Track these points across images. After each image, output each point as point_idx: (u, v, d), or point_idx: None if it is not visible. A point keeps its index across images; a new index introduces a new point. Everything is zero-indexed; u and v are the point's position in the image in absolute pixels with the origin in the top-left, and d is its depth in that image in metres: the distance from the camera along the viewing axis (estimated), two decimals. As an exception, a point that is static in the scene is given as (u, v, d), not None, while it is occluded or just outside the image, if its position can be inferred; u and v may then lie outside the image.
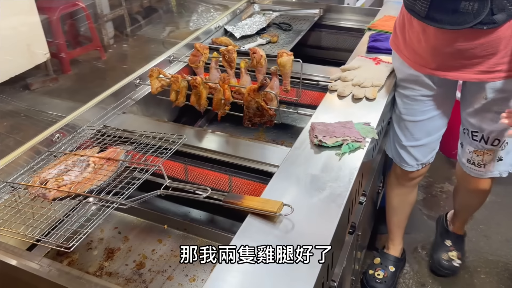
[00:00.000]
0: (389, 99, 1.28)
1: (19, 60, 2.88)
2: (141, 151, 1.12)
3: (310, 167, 0.99)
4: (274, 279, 0.73)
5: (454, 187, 1.82)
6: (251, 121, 1.38)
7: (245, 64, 1.44)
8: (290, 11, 2.09)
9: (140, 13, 3.96)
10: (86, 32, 3.48)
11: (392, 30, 1.51)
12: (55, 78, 3.24)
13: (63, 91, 3.10)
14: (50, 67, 3.22)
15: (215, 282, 0.73)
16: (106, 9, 3.64)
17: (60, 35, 3.19)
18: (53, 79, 3.22)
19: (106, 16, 3.61)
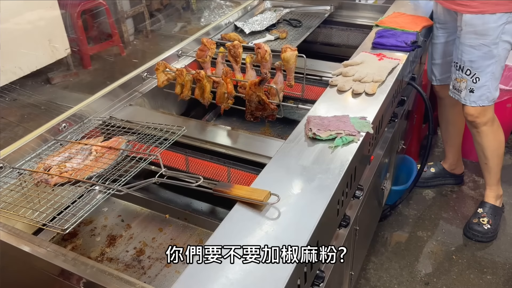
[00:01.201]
0: (389, 95, 1.28)
1: (40, 55, 2.99)
2: (142, 141, 1.15)
3: (302, 159, 1.00)
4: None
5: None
6: (253, 115, 1.40)
7: (250, 59, 1.46)
8: (301, 8, 2.10)
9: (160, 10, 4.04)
10: (106, 29, 3.57)
11: (399, 26, 1.53)
12: (76, 73, 3.34)
13: (83, 86, 3.20)
14: (70, 62, 3.33)
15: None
16: (126, 6, 3.72)
17: (80, 31, 3.28)
18: (74, 74, 3.32)
19: (126, 13, 3.70)
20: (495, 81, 1.68)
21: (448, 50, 1.84)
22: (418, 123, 2.31)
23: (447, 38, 1.82)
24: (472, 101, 1.73)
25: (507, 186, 2.15)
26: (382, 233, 2.00)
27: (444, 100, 2.00)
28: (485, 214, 1.94)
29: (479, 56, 1.63)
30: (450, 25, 1.77)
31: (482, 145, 1.85)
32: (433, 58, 1.93)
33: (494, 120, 1.81)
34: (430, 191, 2.22)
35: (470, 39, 1.63)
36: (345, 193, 1.03)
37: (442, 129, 2.17)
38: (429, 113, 1.69)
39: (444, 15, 1.78)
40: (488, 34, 1.59)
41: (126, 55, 3.63)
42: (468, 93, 1.72)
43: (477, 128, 1.81)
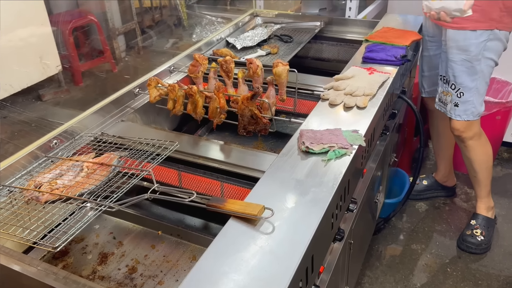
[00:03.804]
0: (381, 108, 1.29)
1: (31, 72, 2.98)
2: (134, 157, 1.15)
3: (296, 172, 1.00)
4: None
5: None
6: (245, 129, 1.40)
7: (242, 74, 1.47)
8: (291, 24, 2.13)
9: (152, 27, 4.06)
10: (98, 45, 3.57)
11: (388, 41, 1.55)
12: (67, 90, 3.32)
13: (74, 102, 3.18)
14: (62, 79, 3.31)
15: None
16: (118, 22, 3.73)
17: (72, 48, 3.28)
18: (65, 90, 3.31)
19: (118, 29, 3.71)
20: (479, 97, 1.71)
21: (436, 63, 1.87)
22: (409, 136, 2.33)
23: (435, 51, 1.86)
24: (457, 115, 1.75)
25: (499, 197, 2.17)
26: (376, 247, 2.00)
27: (434, 112, 2.02)
28: (478, 226, 1.95)
29: (462, 71, 1.66)
30: (438, 38, 1.81)
31: (470, 159, 1.87)
32: (423, 70, 1.97)
33: (481, 134, 1.83)
34: (423, 203, 2.23)
35: (453, 54, 1.67)
36: (339, 206, 1.03)
37: (434, 141, 2.19)
38: (420, 126, 1.70)
39: (432, 28, 1.82)
40: (469, 50, 1.62)
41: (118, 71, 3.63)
42: (453, 106, 1.75)
43: (464, 142, 1.83)
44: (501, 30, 1.60)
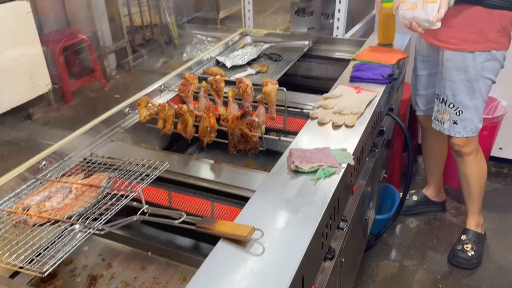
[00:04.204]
0: (368, 126, 1.31)
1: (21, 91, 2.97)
2: (124, 178, 1.14)
3: (286, 192, 1.00)
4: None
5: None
6: (236, 148, 1.41)
7: (232, 93, 1.48)
8: (280, 43, 2.16)
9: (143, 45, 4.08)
10: (88, 64, 3.58)
11: (375, 60, 1.58)
12: (57, 108, 3.31)
13: (64, 121, 3.16)
14: (52, 97, 3.30)
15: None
16: (108, 41, 3.75)
17: (62, 67, 3.28)
18: (55, 109, 3.29)
19: (108, 48, 3.72)
20: (478, 114, 1.73)
21: (431, 82, 1.90)
22: (398, 152, 2.35)
23: (430, 70, 1.89)
24: (456, 132, 1.78)
25: (488, 212, 2.18)
26: (368, 263, 2.00)
27: (428, 129, 2.05)
28: (469, 241, 1.96)
29: (461, 91, 1.69)
30: (432, 58, 1.84)
31: (466, 174, 1.89)
32: (417, 89, 1.99)
33: (478, 150, 1.86)
34: (414, 219, 2.24)
35: (451, 74, 1.68)
36: (329, 225, 1.03)
37: (425, 157, 2.22)
38: (408, 142, 1.72)
39: (427, 49, 1.84)
40: (468, 71, 1.64)
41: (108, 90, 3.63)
42: (452, 124, 1.77)
43: (462, 157, 1.85)
44: (498, 51, 1.62)
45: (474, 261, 1.94)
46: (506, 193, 2.42)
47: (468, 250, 1.94)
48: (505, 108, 2.30)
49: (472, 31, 1.60)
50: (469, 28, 1.60)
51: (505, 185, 2.48)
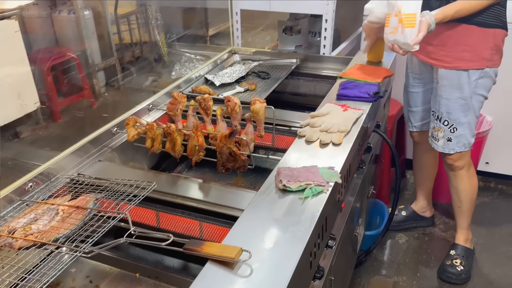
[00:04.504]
0: (355, 143, 1.32)
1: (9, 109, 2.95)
2: (111, 198, 1.14)
3: (274, 211, 1.01)
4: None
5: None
6: (224, 166, 1.41)
7: (220, 111, 1.49)
8: (269, 61, 2.18)
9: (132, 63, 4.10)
10: (77, 81, 3.58)
11: (361, 78, 1.61)
12: (45, 127, 3.29)
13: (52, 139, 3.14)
14: (40, 116, 3.28)
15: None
16: (97, 59, 3.76)
17: (50, 85, 3.28)
18: (43, 127, 3.27)
19: (97, 65, 3.73)
20: (471, 130, 1.77)
21: (425, 99, 1.93)
22: (386, 167, 2.37)
23: (423, 87, 1.92)
24: (451, 149, 1.81)
25: (476, 226, 2.20)
26: (358, 280, 1.99)
27: (420, 145, 2.08)
28: (458, 256, 1.97)
29: (456, 108, 1.72)
30: (425, 75, 1.87)
31: (458, 188, 1.91)
32: (410, 106, 2.01)
33: (470, 165, 1.89)
34: (403, 234, 2.25)
35: (446, 92, 1.72)
36: (318, 244, 1.03)
37: (416, 172, 2.24)
38: (395, 159, 1.74)
39: (419, 67, 1.88)
40: (463, 88, 1.68)
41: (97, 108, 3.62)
42: (446, 142, 1.80)
43: (455, 171, 1.88)
44: (491, 68, 1.66)
45: (463, 276, 1.94)
46: (494, 207, 2.45)
47: (458, 265, 1.95)
48: (490, 123, 2.34)
49: (466, 50, 1.63)
50: (464, 47, 1.63)
51: (493, 199, 2.51)
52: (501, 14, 1.60)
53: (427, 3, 1.63)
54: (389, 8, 1.50)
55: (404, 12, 1.44)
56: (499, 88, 2.33)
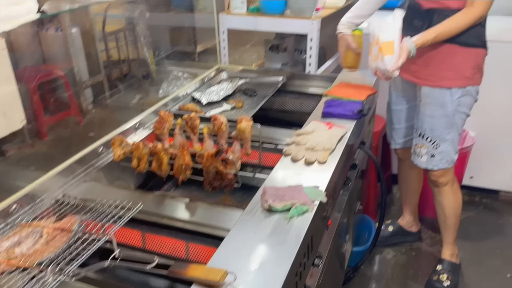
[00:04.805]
0: (340, 161, 1.34)
1: (-6, 128, 2.92)
2: (97, 220, 1.13)
3: (259, 231, 1.01)
4: None
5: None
6: (211, 185, 1.42)
7: (207, 130, 1.50)
8: (255, 79, 2.20)
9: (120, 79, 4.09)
10: (64, 99, 3.56)
11: (346, 96, 1.64)
12: (31, 145, 3.25)
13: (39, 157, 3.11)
14: (26, 134, 3.25)
15: None
16: (85, 76, 3.75)
17: (37, 103, 3.25)
18: (29, 145, 3.24)
19: (85, 83, 3.72)
20: (453, 147, 1.80)
21: (407, 116, 1.96)
22: (373, 183, 2.39)
23: (406, 104, 1.95)
24: (434, 165, 1.83)
25: (461, 241, 2.22)
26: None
27: (404, 161, 2.10)
28: (444, 271, 1.99)
29: (440, 126, 1.75)
30: (408, 93, 1.90)
31: (442, 204, 1.94)
32: (392, 123, 2.03)
33: (454, 181, 1.91)
34: (391, 250, 2.26)
35: (429, 110, 1.75)
36: (303, 264, 1.04)
37: (401, 188, 2.26)
38: (380, 175, 1.76)
39: (402, 85, 1.91)
40: (446, 106, 1.71)
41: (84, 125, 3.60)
42: (430, 158, 1.82)
43: (439, 187, 1.90)
44: (473, 86, 1.70)
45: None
46: (479, 221, 2.48)
47: (444, 280, 1.96)
48: (473, 138, 2.39)
49: (449, 69, 1.67)
50: (447, 66, 1.67)
51: (478, 213, 2.54)
52: (482, 34, 1.65)
53: (410, 23, 1.68)
54: (371, 38, 1.56)
55: (382, 41, 1.51)
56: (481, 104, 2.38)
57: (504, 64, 2.33)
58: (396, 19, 1.52)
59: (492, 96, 2.38)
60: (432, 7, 1.61)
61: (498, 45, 2.27)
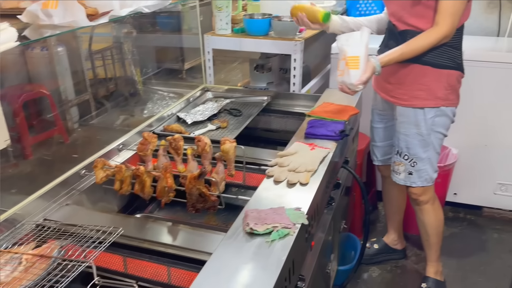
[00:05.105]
0: (323, 182, 1.35)
1: (-23, 148, 2.88)
2: (78, 245, 1.12)
3: (241, 256, 1.01)
4: None
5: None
6: (194, 207, 1.42)
7: (191, 151, 1.51)
8: (241, 98, 2.22)
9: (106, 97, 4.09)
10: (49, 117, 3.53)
11: (328, 116, 1.66)
12: (15, 164, 3.22)
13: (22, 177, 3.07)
14: (10, 153, 3.21)
15: None
16: (71, 94, 3.74)
17: (22, 122, 3.23)
18: (13, 165, 3.20)
19: (70, 101, 3.70)
20: (431, 165, 1.83)
21: (387, 135, 2.01)
22: (358, 200, 2.41)
23: (386, 123, 1.99)
24: (412, 182, 1.86)
25: (446, 258, 2.24)
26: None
27: (387, 178, 2.13)
28: None
29: (415, 144, 1.78)
30: (387, 112, 1.95)
31: (424, 222, 1.96)
32: (374, 140, 2.08)
33: (435, 199, 1.94)
34: (376, 268, 2.27)
35: (405, 128, 1.79)
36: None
37: (385, 205, 2.28)
38: (363, 194, 1.77)
39: (382, 104, 1.95)
40: (420, 125, 1.75)
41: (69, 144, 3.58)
42: (408, 175, 1.85)
43: (420, 205, 1.92)
44: (447, 107, 1.73)
45: None
46: (463, 237, 2.50)
47: (429, 297, 1.97)
48: (455, 156, 2.43)
49: (422, 89, 1.71)
50: (419, 86, 1.71)
51: (462, 229, 2.57)
52: (456, 56, 1.69)
53: (386, 44, 1.76)
54: (339, 54, 1.61)
55: (348, 55, 1.56)
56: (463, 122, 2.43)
57: (486, 83, 2.39)
58: (363, 35, 1.57)
59: (473, 113, 2.43)
60: (406, 28, 1.66)
61: (479, 64, 2.34)
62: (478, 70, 2.36)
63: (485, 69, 2.36)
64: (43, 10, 1.19)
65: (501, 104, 2.40)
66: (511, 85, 2.34)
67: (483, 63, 2.35)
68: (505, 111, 2.40)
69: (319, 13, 1.82)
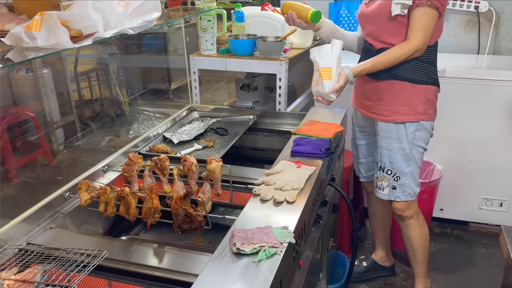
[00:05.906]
0: (309, 200, 1.35)
1: (-41, 171, 2.83)
2: (61, 269, 1.10)
3: (227, 276, 1.00)
4: None
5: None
6: (180, 228, 1.41)
7: (177, 171, 1.50)
8: (227, 117, 2.23)
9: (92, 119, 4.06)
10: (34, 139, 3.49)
11: (314, 134, 1.68)
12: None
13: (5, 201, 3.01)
14: (-6, 177, 3.16)
15: None
16: (56, 116, 3.70)
17: (6, 145, 3.19)
18: (-4, 188, 3.14)
19: (56, 123, 3.67)
20: (414, 180, 1.86)
21: (370, 151, 2.03)
22: (345, 218, 2.41)
23: (368, 140, 2.02)
24: (396, 196, 1.88)
25: (435, 273, 2.25)
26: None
27: (372, 194, 2.14)
28: None
29: (398, 158, 1.81)
30: (369, 128, 1.98)
31: (410, 237, 1.97)
32: (358, 157, 2.11)
33: (419, 213, 1.95)
34: (365, 285, 2.26)
35: (387, 143, 1.82)
36: (272, 308, 1.02)
37: (371, 222, 2.28)
38: (351, 212, 1.78)
39: (363, 121, 1.99)
40: (402, 139, 1.78)
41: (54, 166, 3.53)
42: (391, 190, 1.88)
43: (404, 221, 1.94)
44: (426, 121, 1.78)
45: None
46: (451, 253, 2.51)
47: (419, 314, 1.96)
48: (440, 171, 2.46)
49: (402, 104, 1.75)
50: (399, 101, 1.76)
51: (449, 245, 2.58)
52: (432, 72, 1.76)
53: (366, 58, 1.79)
54: (314, 65, 1.69)
55: (321, 66, 1.64)
56: (447, 138, 2.48)
57: (468, 99, 2.44)
58: (334, 48, 1.64)
59: (457, 129, 2.47)
60: (382, 46, 1.73)
61: (461, 81, 2.40)
62: (460, 87, 2.41)
63: (466, 86, 2.42)
64: (26, 33, 1.19)
65: (483, 120, 2.45)
66: (493, 101, 2.40)
67: (464, 80, 2.41)
68: (487, 126, 2.45)
69: (308, 12, 1.77)
